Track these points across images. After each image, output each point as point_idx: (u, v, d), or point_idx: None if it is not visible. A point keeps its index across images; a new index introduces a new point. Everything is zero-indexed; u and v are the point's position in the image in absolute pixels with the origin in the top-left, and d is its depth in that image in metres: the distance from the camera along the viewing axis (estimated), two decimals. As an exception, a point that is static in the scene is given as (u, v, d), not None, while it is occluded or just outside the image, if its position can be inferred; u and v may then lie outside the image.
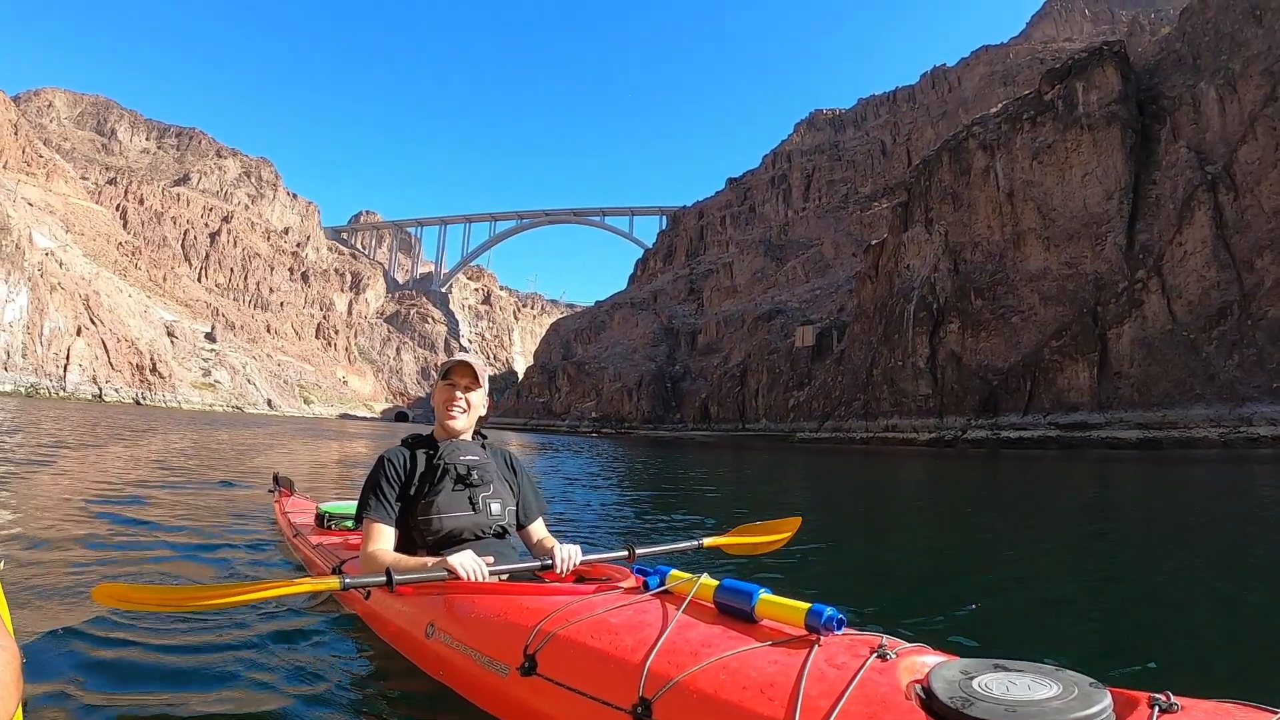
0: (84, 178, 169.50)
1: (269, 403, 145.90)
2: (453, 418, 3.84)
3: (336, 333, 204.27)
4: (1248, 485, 22.03)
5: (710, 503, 15.23)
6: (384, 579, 3.14)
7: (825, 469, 30.83)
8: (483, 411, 3.99)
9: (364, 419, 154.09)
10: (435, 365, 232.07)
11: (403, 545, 3.66)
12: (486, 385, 3.99)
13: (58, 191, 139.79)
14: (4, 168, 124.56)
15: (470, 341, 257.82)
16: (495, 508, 3.74)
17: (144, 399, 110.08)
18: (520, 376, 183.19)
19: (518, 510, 3.94)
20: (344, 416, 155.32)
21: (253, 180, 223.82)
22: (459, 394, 3.83)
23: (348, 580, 3.15)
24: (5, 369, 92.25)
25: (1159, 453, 47.93)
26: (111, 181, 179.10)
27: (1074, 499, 17.74)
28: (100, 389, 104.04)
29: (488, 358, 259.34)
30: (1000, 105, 78.89)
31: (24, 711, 1.99)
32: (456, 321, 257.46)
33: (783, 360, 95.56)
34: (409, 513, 3.67)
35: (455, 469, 3.70)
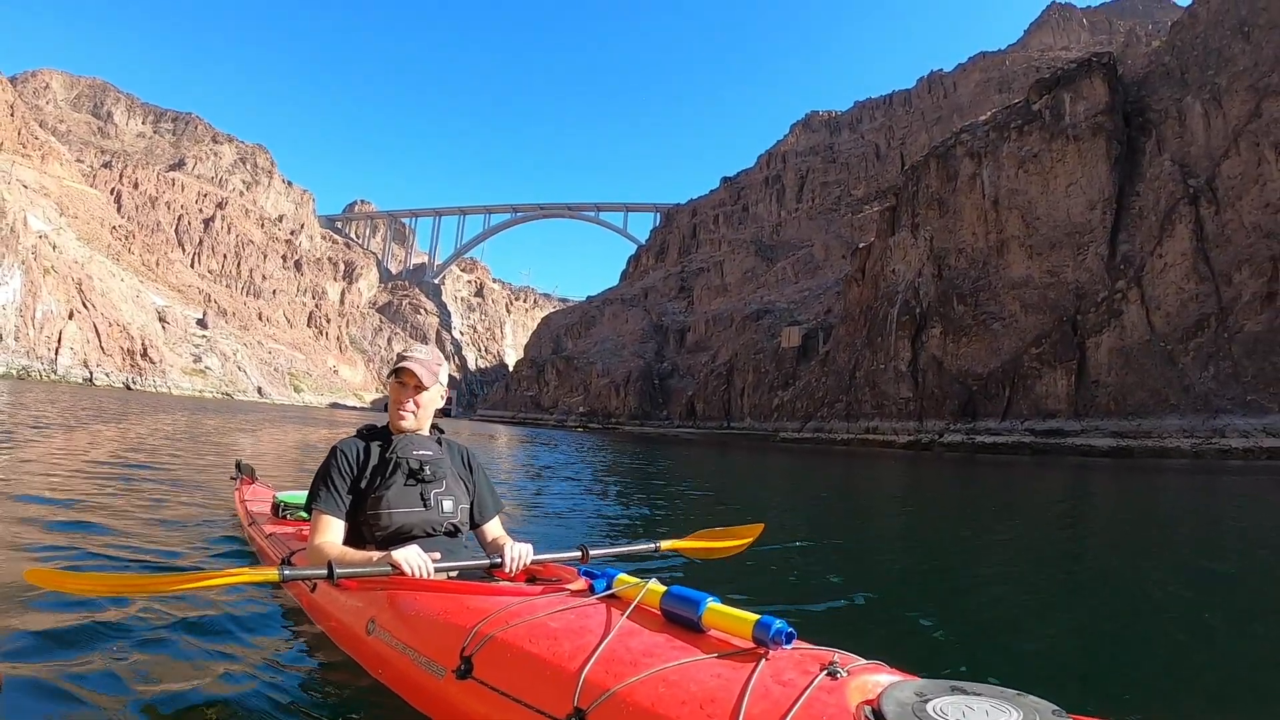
0: (79, 160, 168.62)
1: (259, 390, 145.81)
2: (403, 419, 3.76)
3: (328, 321, 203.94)
4: (1218, 497, 21.91)
5: (680, 499, 15.36)
6: (325, 572, 3.10)
7: (801, 470, 30.80)
8: (439, 405, 3.92)
9: (354, 408, 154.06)
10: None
11: (352, 540, 3.57)
12: (443, 380, 3.90)
13: (53, 174, 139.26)
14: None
15: (462, 334, 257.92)
16: (447, 505, 3.66)
17: (134, 384, 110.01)
18: (511, 369, 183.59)
19: (472, 509, 3.84)
20: (334, 405, 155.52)
21: (248, 167, 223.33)
22: (408, 397, 3.76)
23: (287, 572, 3.09)
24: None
25: (1131, 461, 48.12)
26: (107, 165, 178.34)
27: (1046, 508, 17.54)
28: (91, 372, 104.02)
29: (479, 350, 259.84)
30: (989, 113, 79.42)
31: None
32: (449, 313, 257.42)
33: (769, 360, 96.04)
34: (359, 507, 3.59)
35: (408, 463, 3.61)
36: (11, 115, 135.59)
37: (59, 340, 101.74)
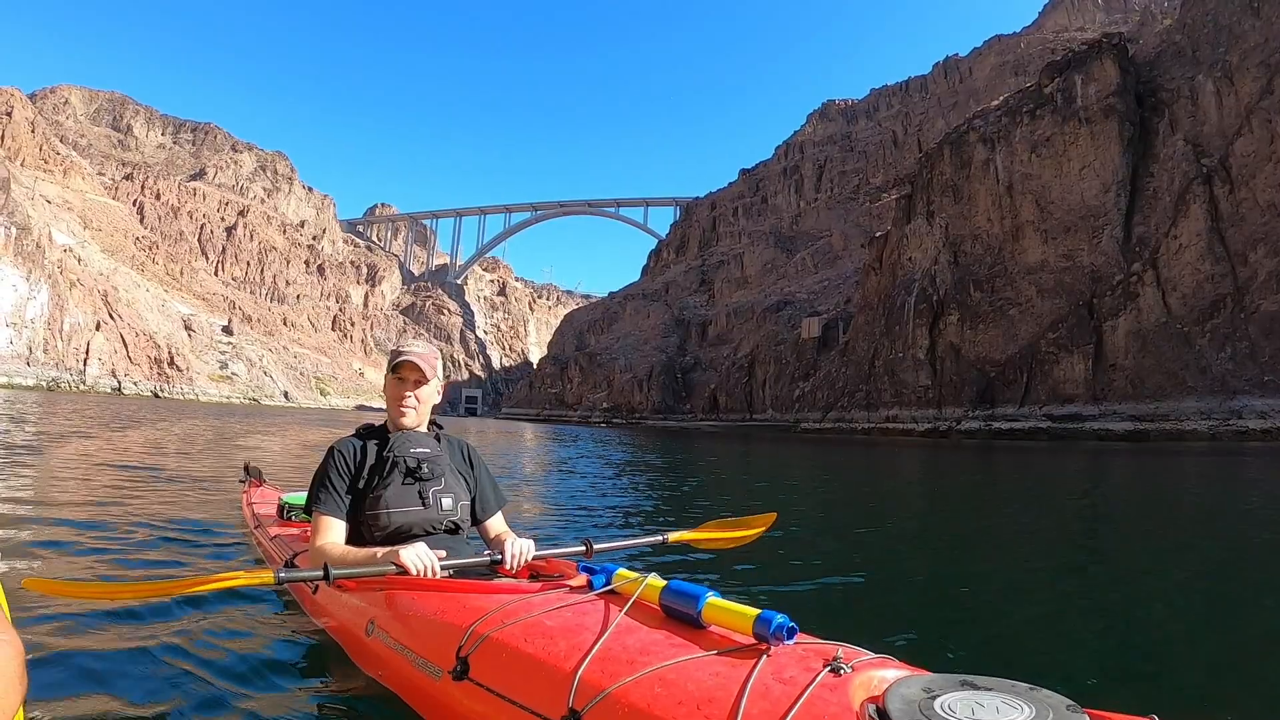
0: (101, 174, 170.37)
1: (285, 395, 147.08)
2: (403, 414, 3.73)
3: (352, 325, 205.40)
4: (1236, 480, 21.52)
5: (695, 491, 15.51)
6: (321, 574, 3.05)
7: (818, 460, 30.69)
8: (436, 400, 3.88)
9: (380, 410, 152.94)
10: (452, 357, 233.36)
11: (353, 540, 3.53)
12: (440, 376, 3.86)
13: (75, 188, 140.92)
14: (22, 165, 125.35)
15: (486, 333, 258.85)
16: (446, 502, 3.61)
17: (162, 392, 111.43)
18: (534, 367, 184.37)
19: (474, 505, 3.80)
20: (360, 408, 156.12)
21: (268, 174, 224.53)
22: (408, 391, 3.72)
23: (283, 574, 3.09)
24: (28, 364, 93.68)
25: (1148, 445, 47.98)
26: (128, 177, 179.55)
27: (1063, 496, 17.08)
28: (119, 382, 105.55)
29: (503, 349, 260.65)
30: (1001, 98, 79.16)
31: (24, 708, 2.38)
32: (472, 313, 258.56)
33: (789, 351, 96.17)
34: (358, 507, 3.56)
35: (404, 462, 3.57)
36: (33, 132, 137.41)
37: (87, 351, 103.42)
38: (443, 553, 3.30)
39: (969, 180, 72.84)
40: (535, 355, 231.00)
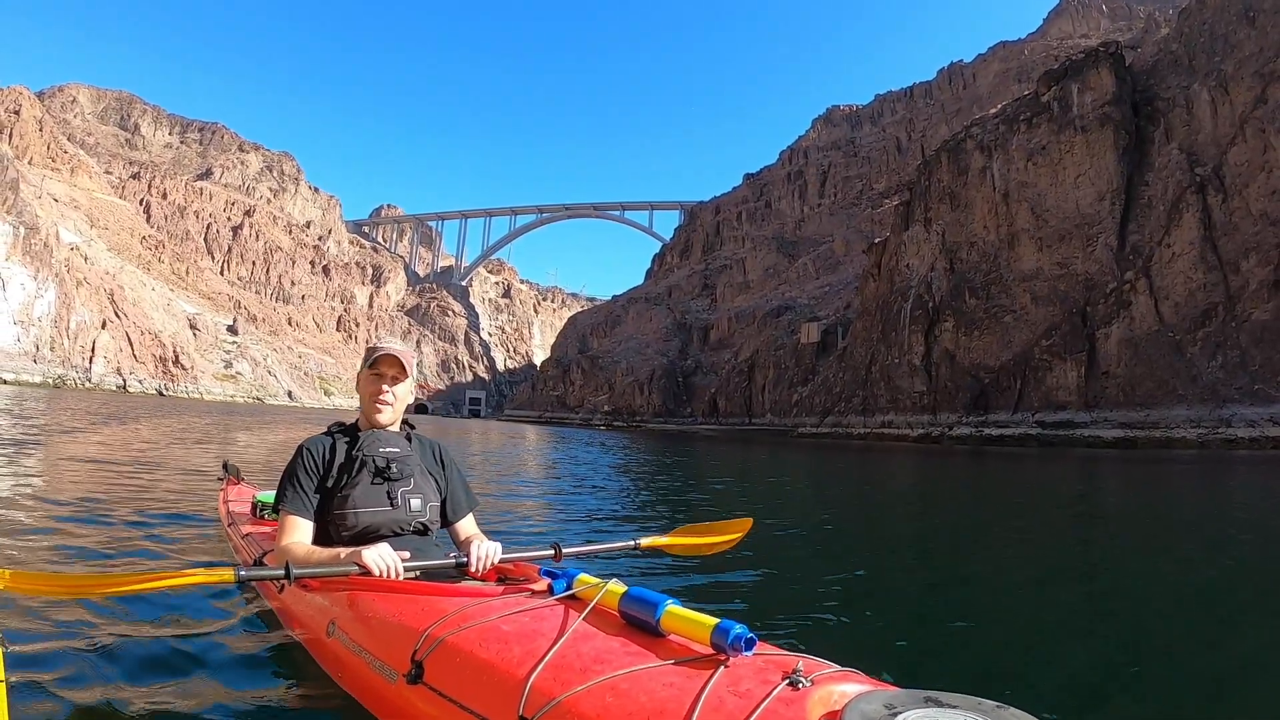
0: (108, 172, 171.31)
1: (290, 394, 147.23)
2: (379, 411, 3.67)
3: (357, 325, 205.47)
4: (1225, 489, 21.65)
5: (682, 494, 15.62)
6: (281, 572, 2.98)
7: (810, 465, 30.62)
8: (410, 400, 3.84)
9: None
10: (456, 359, 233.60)
11: (321, 539, 3.47)
12: (414, 374, 3.79)
13: (82, 186, 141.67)
14: (30, 163, 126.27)
15: (490, 335, 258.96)
16: (415, 503, 3.55)
17: (167, 390, 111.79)
18: (538, 369, 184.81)
19: (444, 506, 3.75)
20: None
21: (274, 174, 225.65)
22: (386, 386, 3.67)
23: (242, 573, 3.02)
24: (35, 361, 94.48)
25: (1137, 452, 48.27)
26: (135, 176, 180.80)
27: (1049, 505, 16.64)
28: (125, 380, 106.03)
29: (508, 351, 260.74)
30: (999, 106, 79.49)
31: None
32: (477, 315, 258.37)
33: (789, 356, 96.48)
34: (326, 506, 3.50)
35: (374, 461, 3.52)
36: (40, 130, 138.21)
37: (93, 349, 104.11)
38: (407, 554, 3.24)
39: (966, 188, 73.26)
40: (539, 357, 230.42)
